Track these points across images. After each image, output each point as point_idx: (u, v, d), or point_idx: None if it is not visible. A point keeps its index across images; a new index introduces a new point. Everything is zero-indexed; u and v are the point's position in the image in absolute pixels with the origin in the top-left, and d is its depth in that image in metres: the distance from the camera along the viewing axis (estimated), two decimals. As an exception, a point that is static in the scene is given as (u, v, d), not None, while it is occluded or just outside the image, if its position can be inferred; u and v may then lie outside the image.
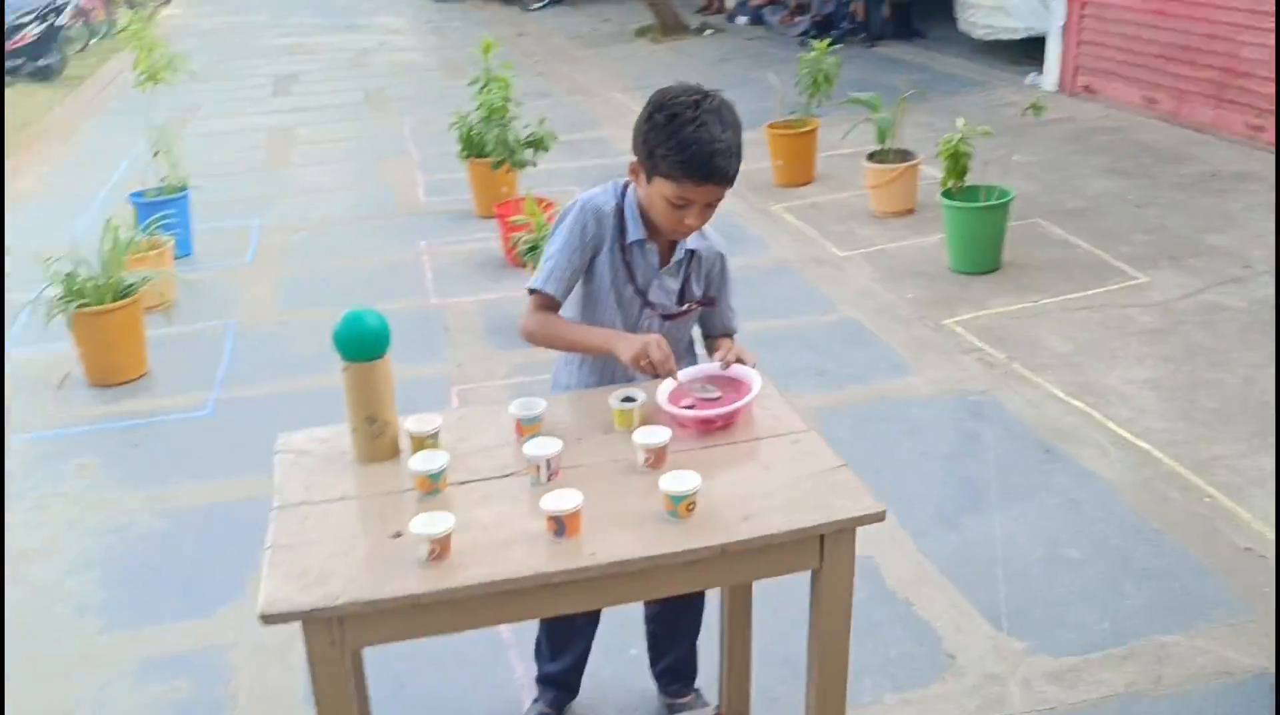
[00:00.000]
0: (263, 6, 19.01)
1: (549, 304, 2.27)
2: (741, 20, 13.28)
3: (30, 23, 12.34)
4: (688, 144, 2.09)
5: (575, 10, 15.90)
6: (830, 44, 6.94)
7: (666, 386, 2.11)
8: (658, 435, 1.92)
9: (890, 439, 4.02)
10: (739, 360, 2.24)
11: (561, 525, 1.73)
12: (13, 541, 3.62)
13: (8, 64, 12.18)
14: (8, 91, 11.71)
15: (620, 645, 2.92)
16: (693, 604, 2.66)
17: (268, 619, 1.62)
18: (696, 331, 2.55)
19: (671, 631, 2.71)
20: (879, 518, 1.77)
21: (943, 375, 4.47)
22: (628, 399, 2.07)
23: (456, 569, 1.69)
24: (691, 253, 2.34)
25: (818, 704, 1.92)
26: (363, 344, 1.99)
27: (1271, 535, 3.33)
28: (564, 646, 2.69)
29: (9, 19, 12.03)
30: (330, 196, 7.44)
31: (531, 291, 2.28)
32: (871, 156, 6.32)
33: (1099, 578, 3.21)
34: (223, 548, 3.52)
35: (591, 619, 2.68)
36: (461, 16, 16.46)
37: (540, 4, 16.40)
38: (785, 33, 12.24)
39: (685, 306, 2.36)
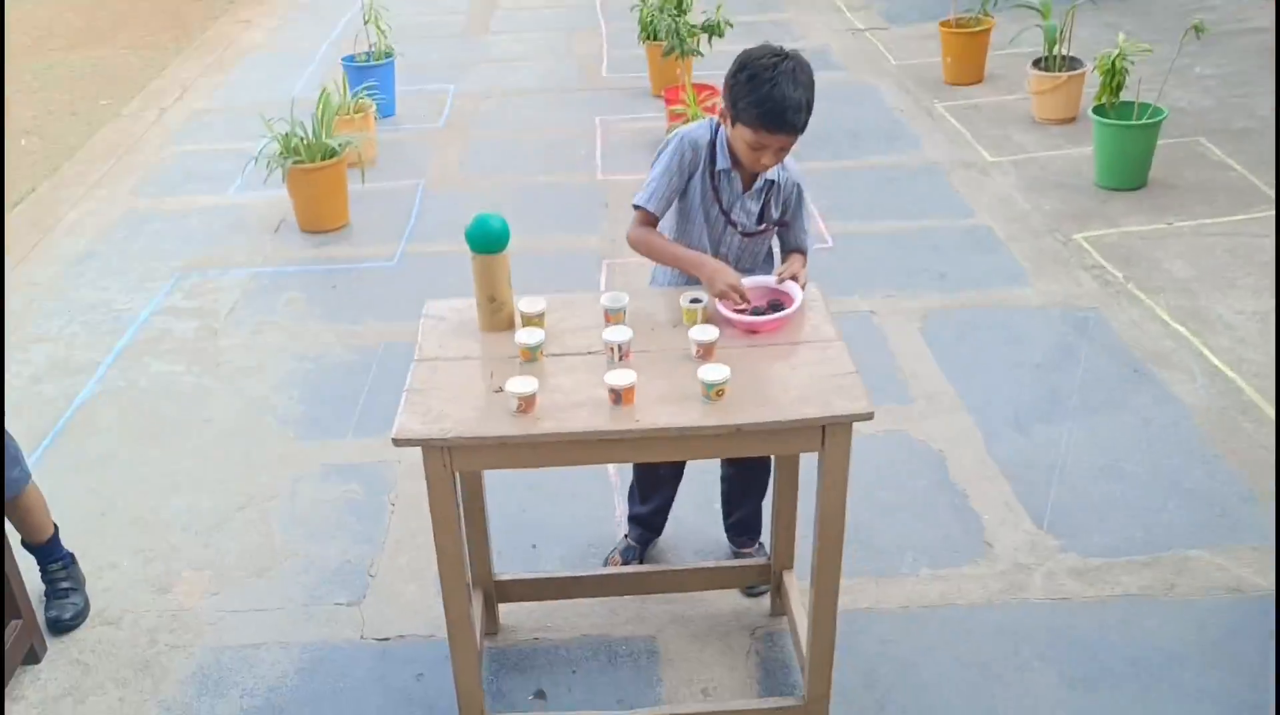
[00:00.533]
0: None
1: (649, 219, 2.74)
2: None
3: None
4: (764, 100, 2.49)
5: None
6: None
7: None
8: (708, 333, 2.40)
9: (990, 346, 4.34)
10: (794, 278, 2.66)
11: (619, 396, 2.25)
12: (233, 360, 4.43)
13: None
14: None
15: (702, 500, 3.46)
16: (759, 471, 3.15)
17: (398, 442, 2.23)
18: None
19: (741, 492, 3.22)
20: (868, 417, 2.21)
21: (1057, 288, 4.70)
22: (695, 300, 2.54)
23: (537, 420, 2.23)
24: (770, 182, 2.74)
25: (819, 559, 2.41)
26: (487, 241, 2.52)
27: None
28: (651, 493, 3.25)
29: None
30: (521, 66, 7.98)
31: (635, 207, 2.75)
32: (1037, 63, 6.36)
33: (1146, 492, 3.52)
34: (396, 381, 4.17)
35: (675, 473, 3.22)
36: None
37: None
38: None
39: (762, 226, 2.78)
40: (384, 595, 3.20)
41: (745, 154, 2.62)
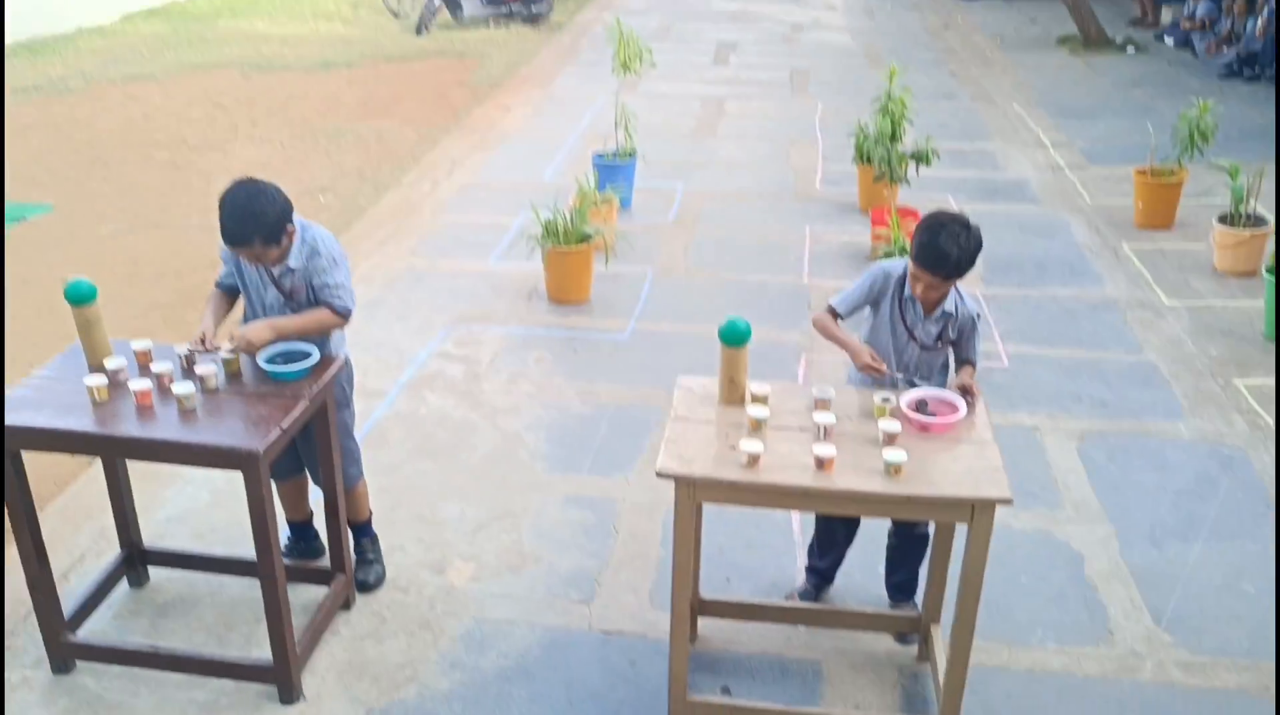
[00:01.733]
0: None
1: (835, 315, 3.60)
2: (1168, 41, 13.29)
3: (530, -27, 14.83)
4: (926, 246, 3.33)
5: (1008, 5, 16.33)
6: (1248, 79, 7.38)
7: (910, 395, 3.36)
8: (893, 426, 3.20)
9: (1138, 469, 4.92)
10: (965, 390, 3.43)
11: (822, 463, 3.07)
12: (493, 401, 5.45)
13: (505, 8, 14.73)
14: (507, 32, 14.24)
15: (868, 564, 4.20)
16: (919, 542, 3.88)
17: (660, 475, 3.09)
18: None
19: (902, 557, 3.96)
20: (1008, 502, 2.95)
21: (1209, 426, 5.24)
22: (885, 399, 3.35)
23: (759, 473, 3.07)
24: (947, 314, 3.53)
25: (960, 609, 3.14)
26: (736, 338, 3.39)
27: None
28: (828, 550, 4.02)
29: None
30: (743, 171, 8.96)
31: (829, 305, 3.60)
32: (1223, 218, 6.89)
33: (1259, 610, 4.05)
34: (623, 434, 5.14)
35: (848, 537, 3.99)
36: (895, -2, 17.41)
37: (976, -7, 16.96)
38: (1209, 62, 12.23)
39: (938, 344, 3.57)
40: (608, 599, 4.07)
41: (911, 282, 3.44)
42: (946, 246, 3.32)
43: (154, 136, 9.85)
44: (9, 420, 3.28)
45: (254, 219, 3.39)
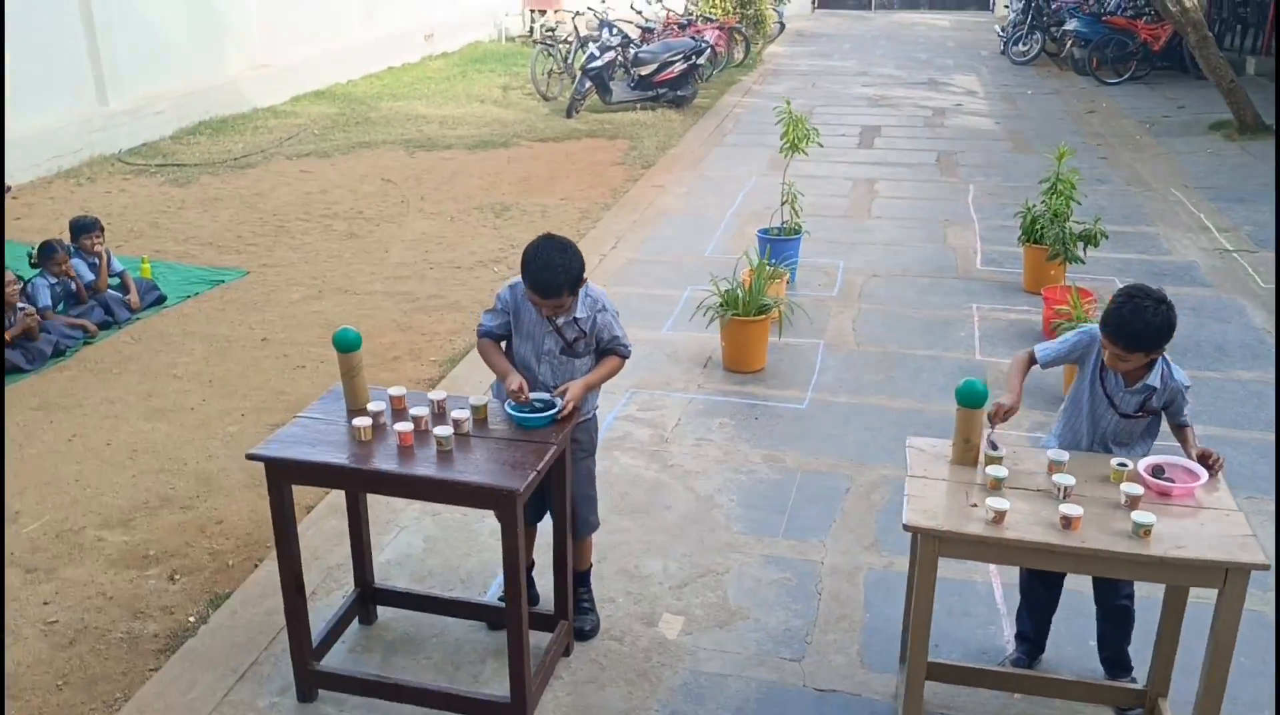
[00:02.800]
0: (852, 53, 21.29)
1: (1032, 359, 3.75)
2: (1329, 127, 13.04)
3: (677, 60, 15.33)
4: (1115, 319, 3.41)
5: (1151, 91, 16.23)
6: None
7: (1147, 461, 3.40)
8: (1136, 489, 3.24)
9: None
10: (1205, 457, 3.46)
11: (1069, 522, 3.13)
12: (682, 463, 5.61)
13: (653, 91, 15.26)
14: (654, 114, 14.74)
15: (1081, 638, 4.19)
16: (1120, 616, 3.88)
17: (908, 528, 3.20)
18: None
19: (1109, 632, 3.95)
20: (1265, 567, 2.97)
21: None
22: (1122, 464, 3.40)
23: (1003, 529, 3.14)
24: (1150, 387, 3.58)
25: (1205, 691, 3.14)
26: (971, 399, 3.49)
27: None
28: (1037, 617, 4.04)
29: (666, 56, 15.08)
30: (901, 250, 9.09)
31: (1032, 350, 3.72)
32: None
33: None
34: (814, 500, 5.24)
35: (1050, 599, 4.00)
36: (1035, 83, 17.44)
37: (1117, 79, 16.91)
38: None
39: (1139, 414, 3.62)
40: (818, 658, 4.14)
41: (1104, 354, 3.51)
42: (1131, 317, 3.41)
43: (331, 208, 10.44)
44: (283, 453, 3.55)
45: (564, 271, 3.67)
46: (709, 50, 15.97)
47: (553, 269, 3.66)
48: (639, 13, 18.48)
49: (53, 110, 11.60)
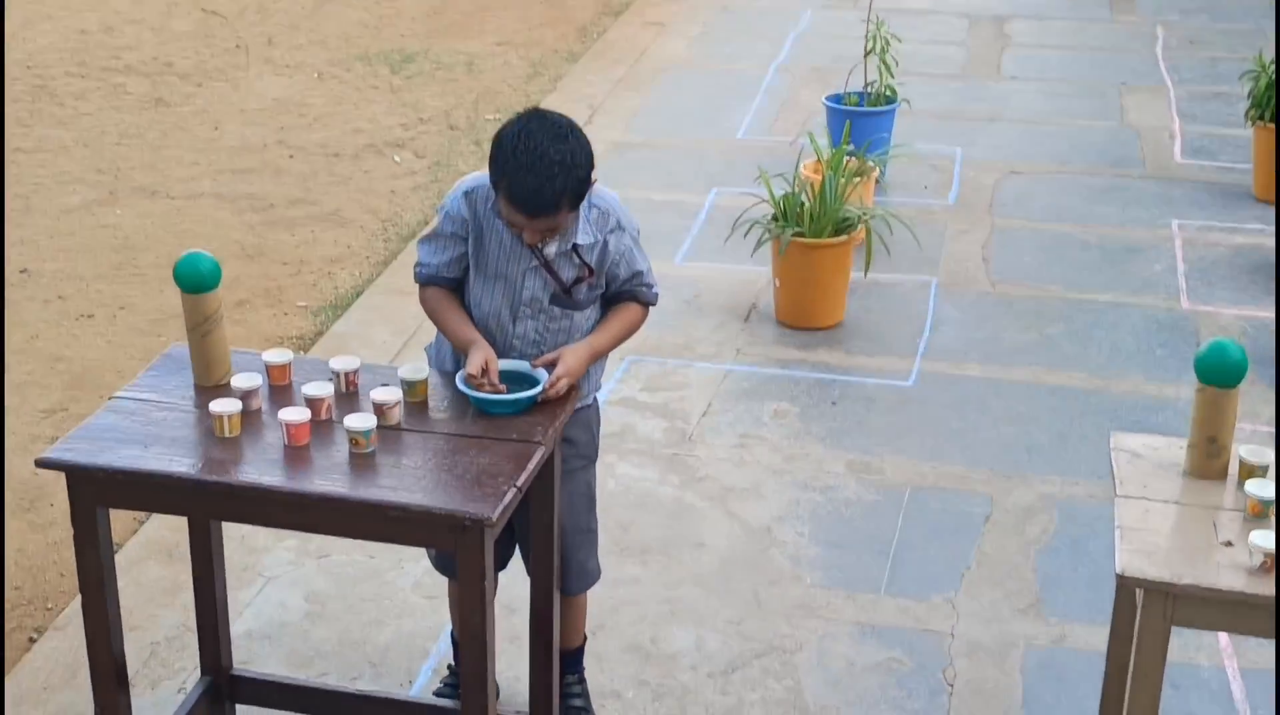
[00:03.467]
0: None
1: None
2: None
3: None
4: None
5: None
6: None
7: None
8: None
9: None
10: None
11: (1387, 573, 3.13)
12: (718, 475, 5.59)
13: None
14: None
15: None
16: None
17: (1123, 581, 3.18)
18: None
19: None
20: None
21: None
22: None
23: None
24: None
25: None
26: (1220, 371, 3.47)
27: None
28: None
29: None
30: (1051, 131, 9.10)
31: None
32: None
33: None
34: (934, 534, 5.24)
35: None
36: None
37: None
38: None
39: None
40: (955, 789, 4.16)
41: None
42: None
43: (122, 58, 10.33)
44: (92, 460, 3.49)
45: (565, 171, 3.56)
46: None
47: (546, 166, 3.55)
48: None
49: None
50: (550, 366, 3.76)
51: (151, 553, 5.09)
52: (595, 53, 10.52)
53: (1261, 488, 3.37)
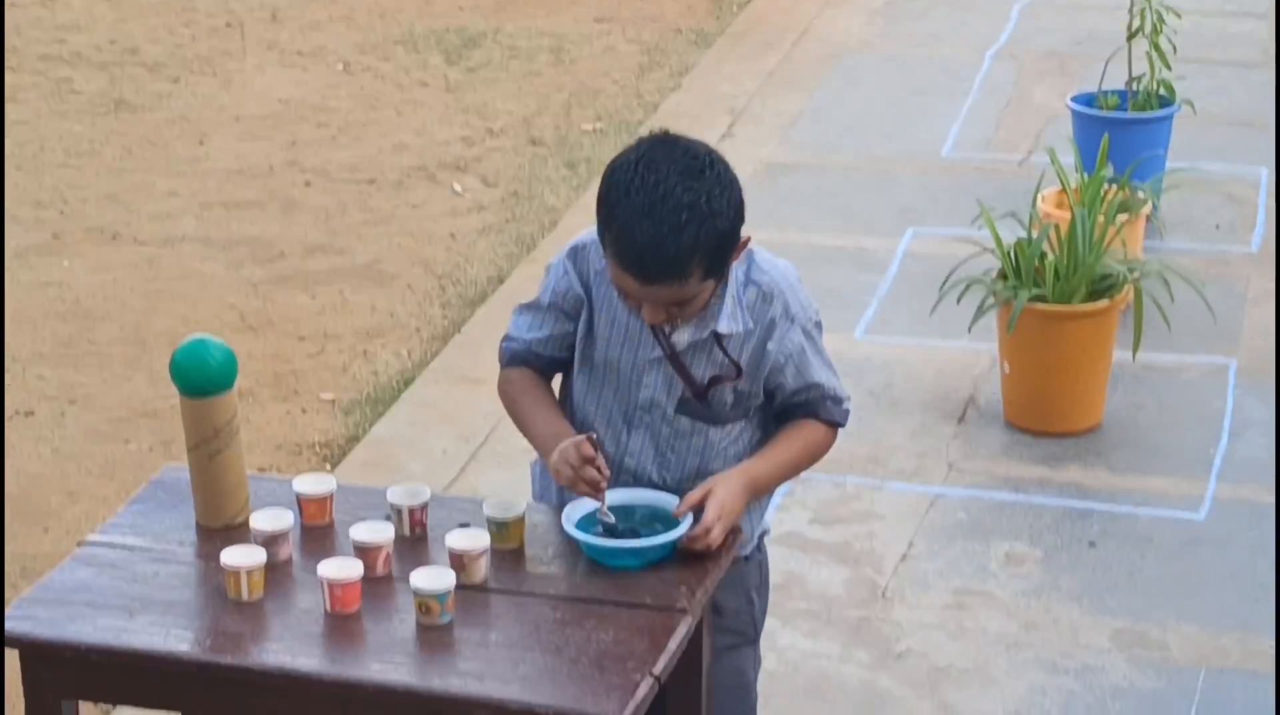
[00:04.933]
0: None
1: None
2: None
3: None
4: None
5: None
6: None
7: None
8: None
9: None
10: None
11: None
12: (924, 649, 5.61)
13: None
14: None
15: None
16: None
17: None
18: None
19: None
20: None
21: None
22: None
23: None
24: None
25: None
26: None
27: None
28: None
29: None
30: None
31: None
32: None
33: None
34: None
35: None
36: None
37: None
38: None
39: None
40: None
41: None
42: None
43: (68, 43, 10.53)
44: (58, 633, 3.57)
45: (699, 220, 3.53)
46: None
47: (672, 211, 3.53)
48: None
49: None
50: (699, 509, 3.74)
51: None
52: (736, 33, 10.58)
53: None
